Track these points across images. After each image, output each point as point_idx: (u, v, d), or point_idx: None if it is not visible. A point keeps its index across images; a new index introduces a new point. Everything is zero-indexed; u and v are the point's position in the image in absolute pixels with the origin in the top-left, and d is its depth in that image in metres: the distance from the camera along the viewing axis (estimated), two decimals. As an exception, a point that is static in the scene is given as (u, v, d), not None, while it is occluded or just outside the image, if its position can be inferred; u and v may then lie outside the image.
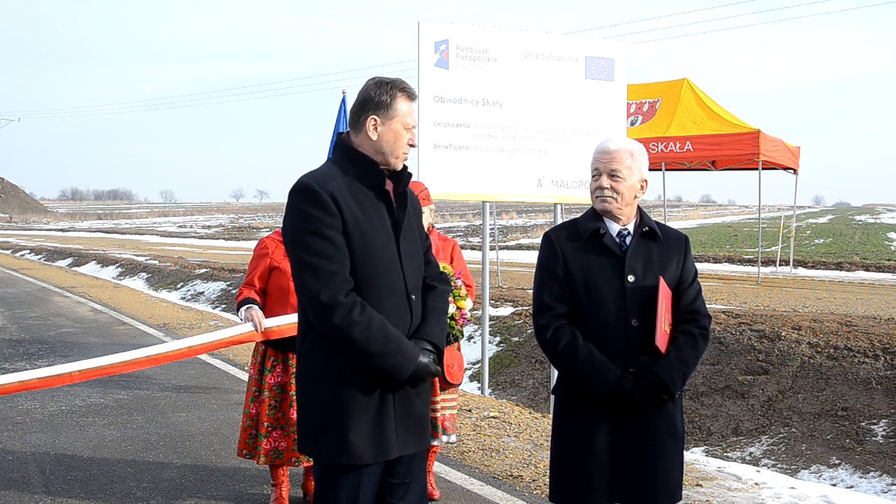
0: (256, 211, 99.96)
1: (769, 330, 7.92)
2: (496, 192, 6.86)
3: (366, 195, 2.52)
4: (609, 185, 2.72)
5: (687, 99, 14.75)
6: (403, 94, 2.57)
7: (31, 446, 5.42)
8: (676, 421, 2.74)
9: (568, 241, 2.76)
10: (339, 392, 2.47)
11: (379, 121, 2.55)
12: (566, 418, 2.77)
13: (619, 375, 2.62)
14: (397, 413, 2.51)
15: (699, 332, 2.75)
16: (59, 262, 25.44)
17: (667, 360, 2.66)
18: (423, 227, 2.76)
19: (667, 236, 2.81)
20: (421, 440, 2.61)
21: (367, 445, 2.46)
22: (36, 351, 9.27)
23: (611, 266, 2.70)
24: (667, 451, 2.70)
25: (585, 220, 2.79)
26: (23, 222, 69.31)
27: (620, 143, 2.78)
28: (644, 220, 2.79)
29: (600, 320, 2.69)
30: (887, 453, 6.14)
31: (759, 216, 17.34)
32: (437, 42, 6.53)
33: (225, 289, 15.90)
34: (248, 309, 4.09)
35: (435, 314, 2.62)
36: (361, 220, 2.48)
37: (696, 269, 2.87)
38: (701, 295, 2.84)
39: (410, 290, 2.55)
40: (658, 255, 2.75)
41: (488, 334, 7.97)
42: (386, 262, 2.50)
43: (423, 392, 2.62)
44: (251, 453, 4.20)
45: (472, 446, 5.50)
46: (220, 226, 56.15)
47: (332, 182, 2.48)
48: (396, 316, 2.50)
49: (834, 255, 21.51)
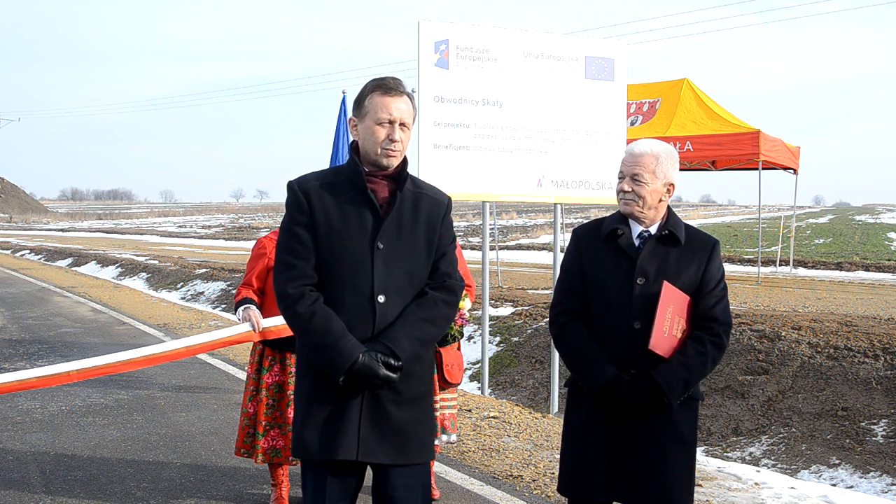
0: (256, 211, 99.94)
1: (769, 330, 7.92)
2: (496, 192, 6.85)
3: (347, 195, 2.53)
4: (631, 189, 2.72)
5: (687, 99, 14.74)
6: (378, 90, 2.53)
7: (31, 446, 5.42)
8: (682, 427, 2.70)
9: (589, 240, 2.81)
10: (303, 386, 2.55)
11: (356, 120, 2.58)
12: (572, 410, 2.83)
13: (614, 375, 2.62)
14: (364, 417, 2.46)
15: (710, 339, 2.69)
16: (59, 262, 25.44)
17: (668, 365, 2.64)
18: (442, 235, 2.62)
19: (691, 240, 2.77)
20: (401, 453, 2.49)
21: (315, 441, 2.46)
22: (36, 351, 9.27)
23: (623, 267, 2.71)
24: (668, 457, 2.66)
25: (610, 220, 2.81)
26: (23, 222, 69.30)
27: (646, 147, 2.76)
28: (668, 223, 2.75)
29: (604, 320, 2.72)
30: (887, 453, 6.14)
31: (759, 216, 17.34)
32: (437, 42, 6.53)
33: (225, 289, 15.89)
34: (246, 309, 4.11)
35: (406, 319, 2.49)
36: (334, 218, 2.49)
37: (722, 275, 2.80)
38: (724, 302, 2.78)
39: (378, 292, 2.48)
40: (676, 259, 2.72)
41: (488, 334, 7.97)
42: (353, 262, 2.48)
43: (406, 401, 2.51)
44: (249, 452, 4.21)
45: (472, 446, 5.50)
46: (220, 226, 56.13)
47: (313, 181, 2.55)
48: (357, 316, 2.46)
49: (834, 255, 21.50)
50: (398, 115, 2.52)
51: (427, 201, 2.61)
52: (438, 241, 2.61)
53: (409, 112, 2.57)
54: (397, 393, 2.49)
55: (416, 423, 2.55)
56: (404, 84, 2.59)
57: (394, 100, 2.52)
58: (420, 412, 2.57)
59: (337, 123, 7.75)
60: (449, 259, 2.64)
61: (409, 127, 2.57)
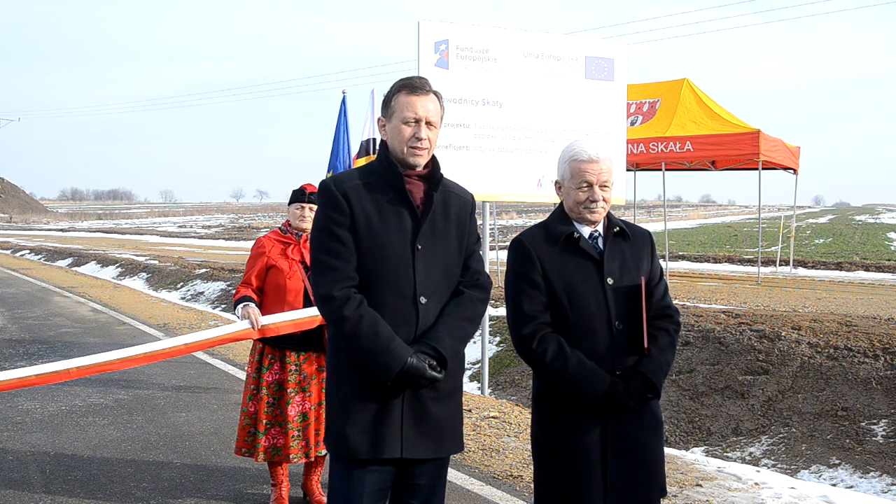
0: (256, 211, 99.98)
1: (769, 330, 7.91)
2: (496, 192, 6.86)
3: (386, 195, 2.53)
4: (602, 198, 2.67)
5: (687, 99, 14.74)
6: (404, 89, 2.55)
7: (31, 446, 5.42)
8: (657, 412, 2.74)
9: (544, 246, 2.67)
10: (344, 386, 2.52)
11: (385, 120, 2.60)
12: (553, 427, 2.68)
13: (610, 381, 2.59)
14: (406, 415, 2.49)
15: (673, 327, 2.75)
16: (59, 262, 25.44)
17: (651, 361, 2.64)
18: (471, 233, 2.67)
19: (634, 235, 2.78)
20: (439, 446, 2.57)
21: (362, 441, 2.47)
22: (36, 351, 9.27)
23: (589, 269, 2.66)
24: (652, 445, 2.69)
25: (555, 224, 2.73)
26: (23, 222, 69.31)
27: (603, 151, 2.70)
28: (613, 221, 2.74)
29: (585, 325, 2.63)
30: (887, 453, 6.13)
31: (759, 216, 17.34)
32: (437, 42, 6.53)
33: (225, 289, 15.89)
34: (245, 307, 4.12)
35: (447, 320, 2.53)
36: (374, 220, 2.49)
37: (660, 266, 2.86)
38: (668, 290, 2.85)
39: (420, 293, 2.50)
40: (630, 254, 2.73)
41: (488, 334, 7.97)
42: (395, 263, 2.48)
43: (443, 397, 2.56)
44: (250, 451, 4.21)
45: (472, 446, 5.50)
46: (220, 226, 56.15)
47: (349, 181, 2.55)
48: (400, 317, 2.48)
49: (834, 255, 21.50)
50: (424, 113, 2.53)
51: (455, 200, 2.64)
52: (468, 239, 2.65)
53: (436, 111, 2.58)
54: (435, 390, 2.53)
55: (451, 417, 2.61)
56: (430, 83, 2.61)
57: (420, 99, 2.54)
58: (454, 406, 2.63)
59: (337, 123, 7.76)
60: (478, 257, 2.68)
61: (437, 126, 2.59)
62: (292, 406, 4.15)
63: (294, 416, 4.14)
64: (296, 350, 4.19)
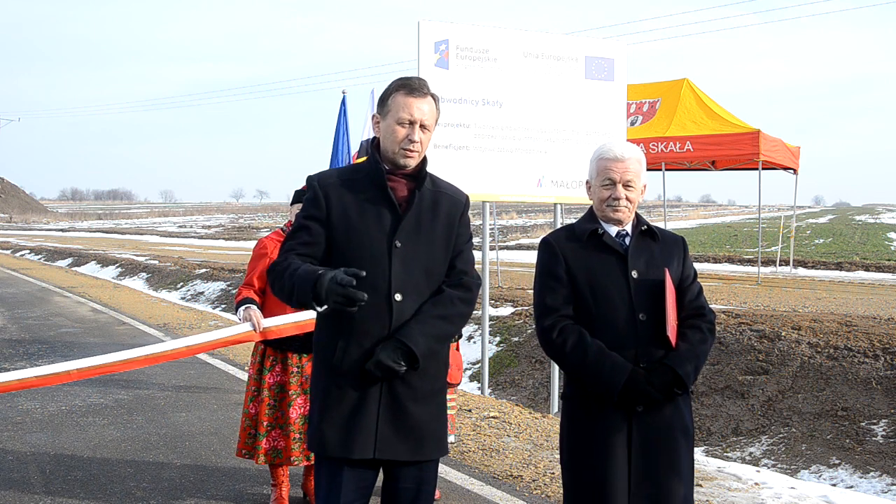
0: (256, 211, 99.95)
1: (769, 330, 7.92)
2: (496, 192, 6.86)
3: (367, 192, 2.54)
4: (625, 196, 2.70)
5: (687, 99, 14.74)
6: (402, 90, 2.55)
7: (31, 446, 5.42)
8: (686, 419, 2.71)
9: (567, 242, 2.73)
10: (320, 384, 2.55)
11: (379, 117, 2.60)
12: (581, 427, 2.68)
13: (631, 370, 2.57)
14: (382, 415, 2.47)
15: (707, 326, 2.73)
16: (59, 262, 25.45)
17: (678, 353, 2.63)
18: (460, 233, 2.65)
19: (664, 237, 2.81)
20: (419, 449, 2.52)
21: (335, 438, 2.46)
22: (36, 351, 9.27)
23: (614, 263, 2.69)
24: (680, 451, 2.65)
25: (582, 222, 2.78)
26: (23, 222, 69.30)
27: (630, 151, 2.74)
28: (641, 221, 2.79)
29: (608, 317, 2.65)
30: (887, 453, 6.14)
31: (759, 216, 17.34)
32: (437, 42, 6.53)
33: (225, 289, 15.90)
34: (247, 309, 4.11)
35: (421, 317, 2.50)
36: (352, 216, 2.51)
37: (695, 270, 2.87)
38: (703, 293, 2.84)
39: (395, 290, 2.49)
40: (658, 253, 2.75)
41: (488, 334, 7.97)
42: (370, 260, 2.48)
43: (422, 398, 2.52)
44: (250, 453, 4.21)
45: (472, 446, 5.50)
46: (220, 226, 56.15)
47: (333, 178, 2.59)
48: (373, 314, 2.46)
49: (834, 255, 21.50)
50: (419, 115, 2.53)
51: (446, 200, 2.63)
52: (456, 239, 2.63)
53: (432, 113, 2.58)
54: (414, 390, 2.51)
55: (432, 420, 2.57)
56: (429, 85, 2.60)
57: (416, 100, 2.54)
58: (435, 408, 2.60)
59: (337, 123, 7.76)
60: (465, 257, 2.66)
61: (431, 129, 2.58)
62: (294, 408, 4.14)
63: (296, 418, 4.13)
64: (298, 352, 4.18)
